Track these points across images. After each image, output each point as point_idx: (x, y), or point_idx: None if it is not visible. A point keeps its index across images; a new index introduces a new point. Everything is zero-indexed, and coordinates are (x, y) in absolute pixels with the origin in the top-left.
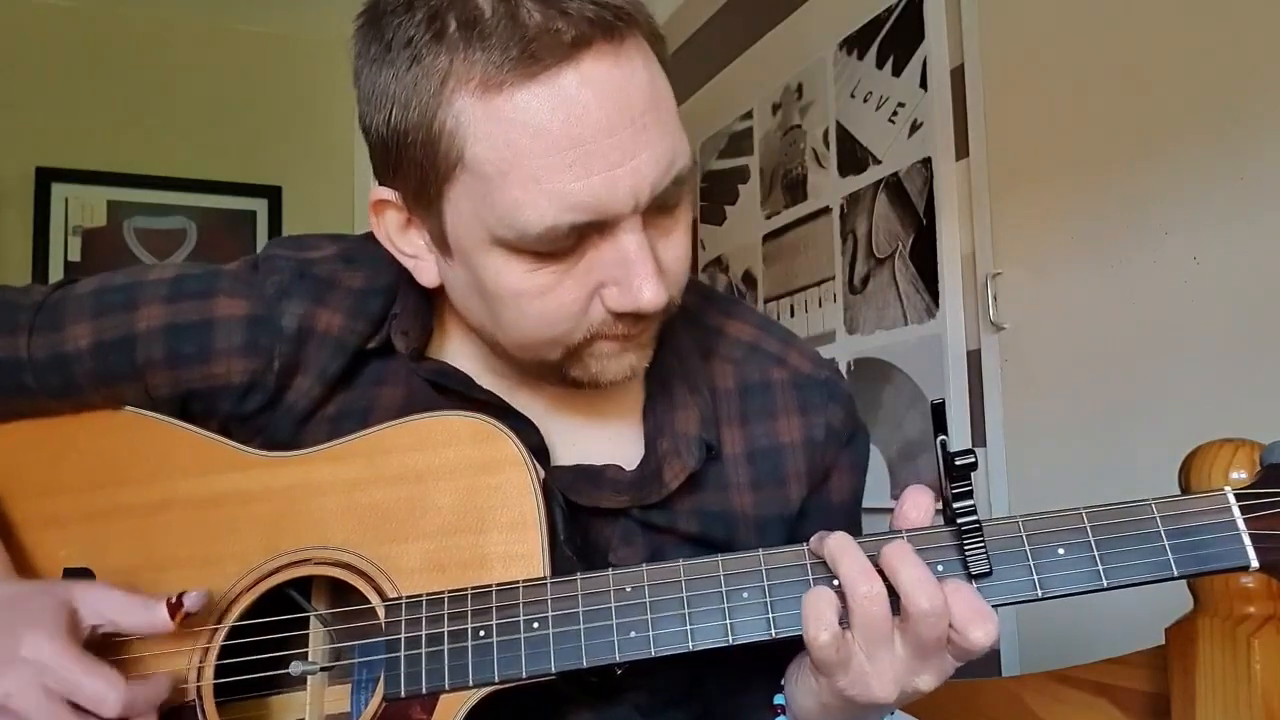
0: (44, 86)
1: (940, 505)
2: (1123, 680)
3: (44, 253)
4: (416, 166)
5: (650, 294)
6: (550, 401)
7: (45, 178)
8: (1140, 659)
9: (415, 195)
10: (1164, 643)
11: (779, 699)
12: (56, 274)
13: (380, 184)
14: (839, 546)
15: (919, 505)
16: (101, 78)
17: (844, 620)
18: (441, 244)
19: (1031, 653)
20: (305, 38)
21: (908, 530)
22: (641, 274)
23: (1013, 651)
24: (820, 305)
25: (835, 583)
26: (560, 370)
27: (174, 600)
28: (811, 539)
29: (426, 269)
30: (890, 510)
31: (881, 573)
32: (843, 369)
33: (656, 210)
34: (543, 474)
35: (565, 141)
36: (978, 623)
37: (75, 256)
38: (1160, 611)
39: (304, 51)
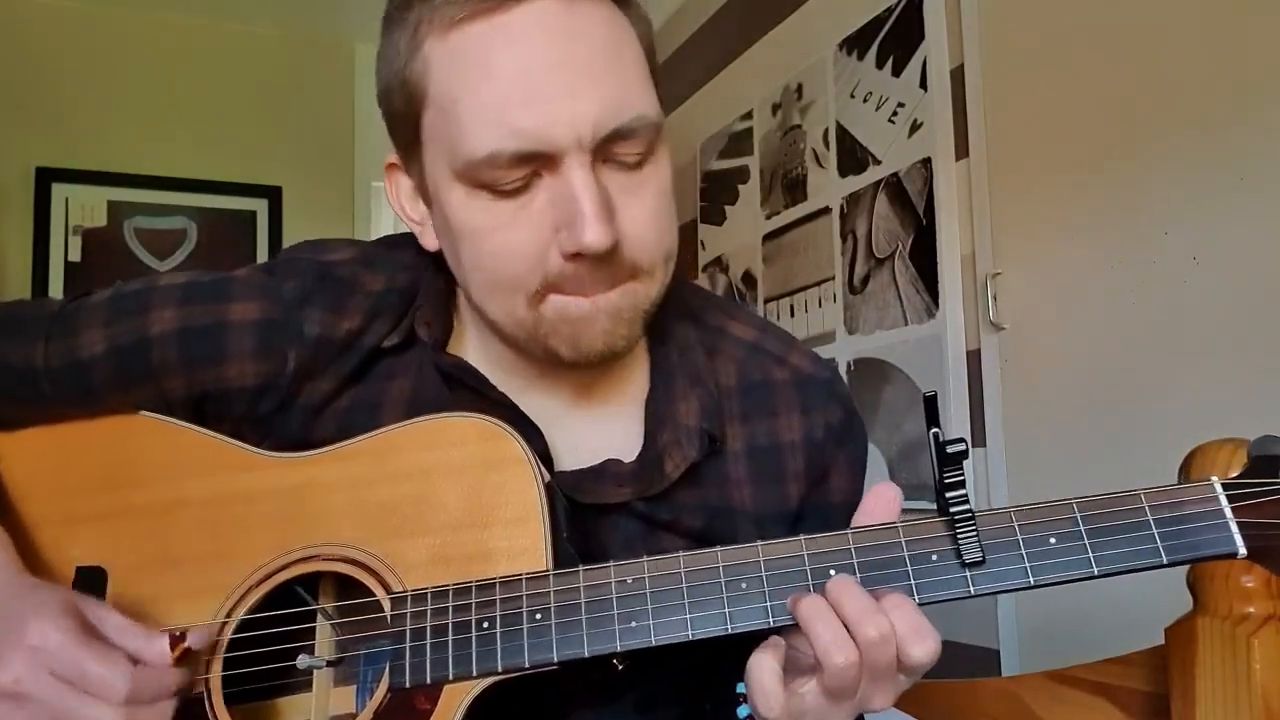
0: (44, 86)
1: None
2: (1123, 680)
3: (44, 253)
4: (401, 117)
5: (593, 234)
6: (557, 404)
7: (45, 178)
8: (1140, 659)
9: (405, 148)
10: (1164, 643)
11: (741, 687)
12: (57, 274)
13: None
14: (813, 613)
15: (883, 497)
16: (101, 78)
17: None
18: (426, 195)
19: (1031, 653)
20: (306, 37)
21: (902, 521)
22: (585, 212)
23: (1013, 651)
24: (820, 305)
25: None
26: (543, 343)
27: (177, 634)
28: (788, 600)
29: (429, 234)
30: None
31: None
32: (843, 369)
33: (616, 165)
34: (547, 476)
35: (511, 74)
36: (915, 640)
37: (75, 257)
38: (1160, 611)
39: (304, 51)
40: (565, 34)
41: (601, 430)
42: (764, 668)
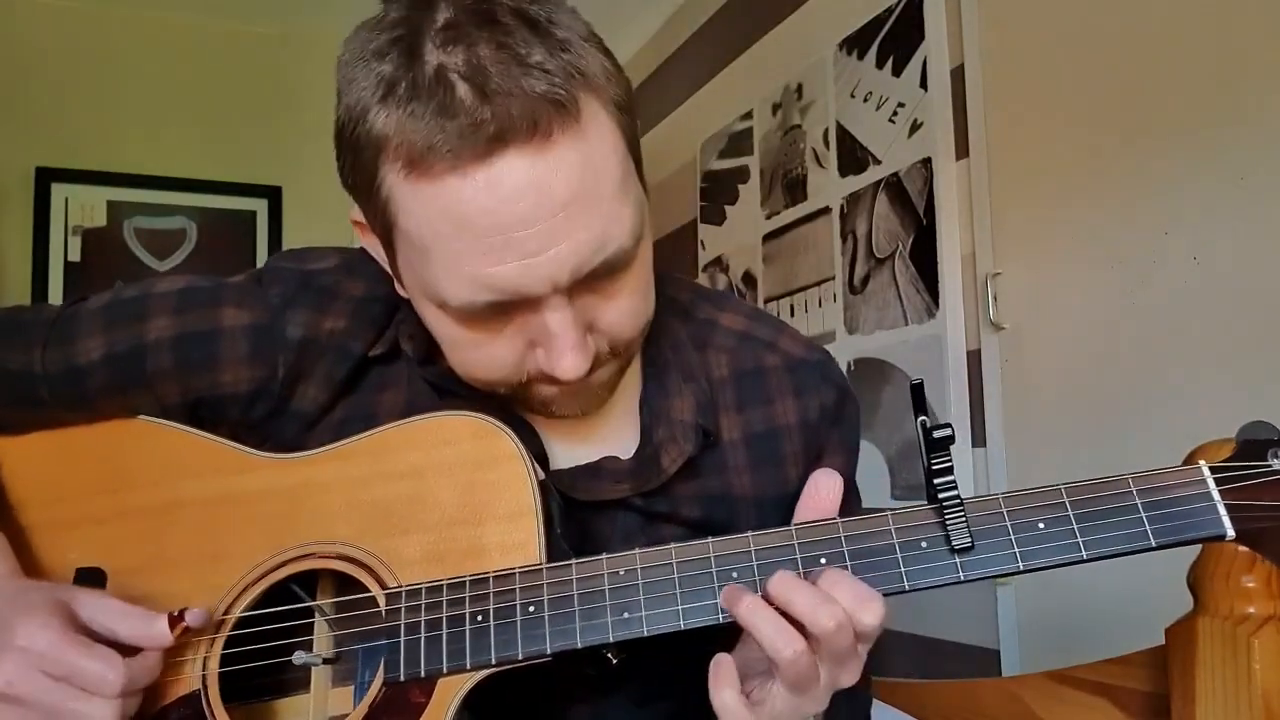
0: (44, 86)
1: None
2: (1123, 680)
3: (44, 253)
4: (370, 214)
5: (569, 365)
6: None
7: (45, 178)
8: (1140, 659)
9: (378, 234)
10: (1164, 643)
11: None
12: (57, 274)
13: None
14: (751, 609)
15: (823, 486)
16: (101, 78)
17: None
18: (399, 278)
19: (1031, 653)
20: (305, 38)
21: (892, 509)
22: (561, 347)
23: (1013, 651)
24: (820, 305)
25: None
26: (525, 403)
27: (175, 615)
28: (722, 598)
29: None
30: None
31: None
32: (843, 369)
33: (592, 278)
34: (541, 474)
35: (482, 230)
36: (863, 609)
37: (75, 257)
38: (1160, 611)
39: (304, 51)
40: (537, 185)
41: (596, 428)
42: (724, 703)
